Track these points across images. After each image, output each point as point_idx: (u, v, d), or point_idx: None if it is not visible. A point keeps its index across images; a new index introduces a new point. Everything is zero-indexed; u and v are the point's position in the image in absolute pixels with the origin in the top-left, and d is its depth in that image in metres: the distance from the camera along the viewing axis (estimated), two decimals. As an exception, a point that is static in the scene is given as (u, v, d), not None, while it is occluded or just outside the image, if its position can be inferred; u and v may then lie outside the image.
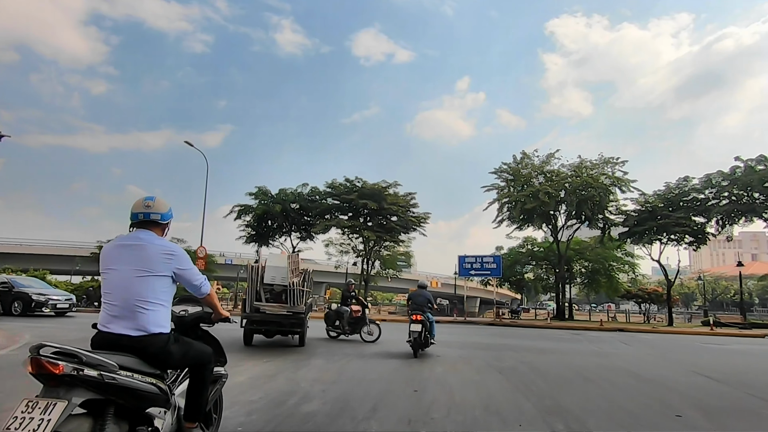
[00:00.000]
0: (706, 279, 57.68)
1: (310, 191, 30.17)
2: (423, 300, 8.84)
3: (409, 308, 9.01)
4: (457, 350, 9.66)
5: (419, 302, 8.81)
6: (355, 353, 8.44)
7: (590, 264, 29.61)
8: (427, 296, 9.03)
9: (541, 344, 11.70)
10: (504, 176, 27.58)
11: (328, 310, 11.12)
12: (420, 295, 9.04)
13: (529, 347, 10.72)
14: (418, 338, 8.31)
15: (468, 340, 12.04)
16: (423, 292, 9.15)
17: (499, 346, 10.68)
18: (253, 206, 29.53)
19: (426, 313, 8.88)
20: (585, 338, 14.11)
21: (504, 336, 14.21)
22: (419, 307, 8.68)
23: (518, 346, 10.79)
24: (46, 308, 14.66)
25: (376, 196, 27.57)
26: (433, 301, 9.30)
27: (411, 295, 9.23)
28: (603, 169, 24.25)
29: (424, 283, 9.56)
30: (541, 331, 17.52)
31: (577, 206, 23.65)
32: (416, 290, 9.32)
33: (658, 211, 22.81)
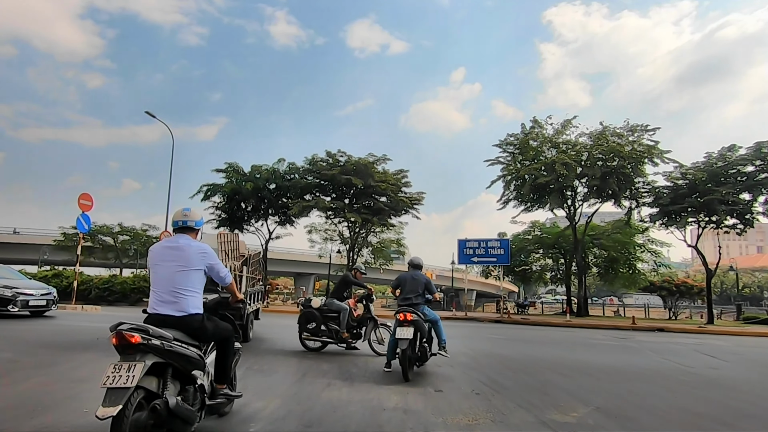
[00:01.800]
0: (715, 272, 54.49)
1: (287, 168, 26.14)
2: (418, 287, 5.71)
3: (397, 300, 5.98)
4: (470, 369, 5.82)
5: (411, 290, 5.69)
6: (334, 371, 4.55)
7: (608, 252, 25.82)
8: (423, 281, 5.77)
9: (588, 356, 7.86)
10: (510, 149, 23.66)
11: (304, 307, 7.09)
12: (414, 279, 5.76)
13: (578, 363, 6.87)
14: (410, 351, 5.13)
15: (478, 348, 8.19)
16: (418, 274, 5.85)
17: (530, 361, 6.81)
18: (222, 185, 25.54)
19: (422, 308, 5.61)
20: (637, 344, 10.28)
21: (524, 340, 10.37)
22: (411, 300, 5.65)
23: (559, 361, 6.92)
24: (14, 307, 10.43)
25: (362, 173, 23.57)
26: (432, 287, 5.86)
27: (400, 278, 5.89)
28: (630, 138, 20.32)
29: (418, 261, 6.12)
30: (565, 332, 13.71)
31: (601, 180, 19.74)
32: (408, 272, 5.98)
33: (699, 186, 18.98)
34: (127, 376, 2.25)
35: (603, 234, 25.56)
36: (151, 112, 22.99)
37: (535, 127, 22.77)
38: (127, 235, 37.68)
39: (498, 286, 51.79)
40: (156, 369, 2.46)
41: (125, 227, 37.19)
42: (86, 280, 24.40)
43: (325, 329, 6.90)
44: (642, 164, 20.07)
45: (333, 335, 6.84)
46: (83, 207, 16.24)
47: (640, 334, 13.87)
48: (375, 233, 28.34)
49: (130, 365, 2.31)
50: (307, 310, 6.93)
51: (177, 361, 2.56)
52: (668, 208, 19.51)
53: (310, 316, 6.88)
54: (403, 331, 5.07)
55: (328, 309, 6.92)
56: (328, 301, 7.00)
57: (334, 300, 6.98)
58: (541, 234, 27.06)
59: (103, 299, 22.41)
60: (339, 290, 7.12)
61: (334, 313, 6.87)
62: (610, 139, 20.47)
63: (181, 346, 2.61)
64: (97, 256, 39.09)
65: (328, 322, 6.89)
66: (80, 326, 9.40)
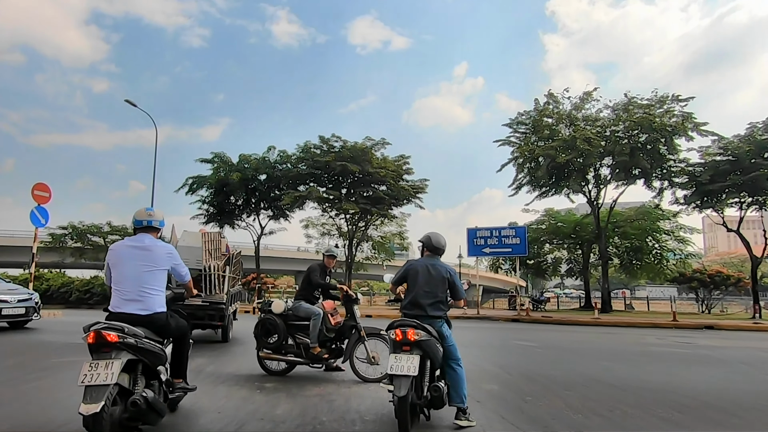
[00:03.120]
0: (732, 261, 51.74)
1: (278, 157, 24.00)
2: (437, 285, 3.45)
3: (401, 304, 3.61)
4: (515, 411, 3.55)
5: (427, 290, 3.43)
6: None
7: (632, 240, 23.45)
8: (446, 275, 3.48)
9: (671, 376, 5.64)
10: (522, 129, 21.34)
11: (262, 313, 4.91)
12: (432, 271, 3.46)
13: (671, 391, 4.66)
14: (414, 396, 2.97)
15: (510, 362, 6.00)
16: (438, 265, 3.54)
17: (601, 390, 4.60)
18: (208, 176, 23.44)
19: (440, 324, 3.37)
20: (711, 351, 8.04)
21: (564, 348, 8.16)
22: (423, 308, 3.39)
23: (642, 387, 4.71)
24: None
25: (358, 158, 21.39)
26: (461, 288, 3.60)
27: (409, 269, 3.58)
28: (659, 110, 17.93)
29: (439, 241, 3.61)
30: (601, 334, 11.47)
31: (630, 156, 17.39)
32: (422, 259, 3.63)
33: (743, 161, 16.59)
34: (105, 374, 2.35)
35: (625, 221, 23.23)
36: (131, 101, 20.96)
37: (550, 103, 20.42)
38: (118, 234, 35.79)
39: (506, 280, 49.50)
40: (128, 366, 2.54)
41: (115, 226, 35.29)
42: (67, 283, 22.56)
43: (293, 344, 4.78)
44: (676, 138, 17.67)
45: (303, 352, 4.71)
46: (39, 199, 14.16)
47: (689, 333, 11.62)
48: (375, 226, 26.18)
49: (107, 363, 2.39)
50: (266, 318, 4.80)
51: (147, 357, 2.64)
52: (707, 187, 17.13)
53: (271, 326, 4.75)
54: (400, 360, 2.91)
55: (294, 315, 4.81)
56: (294, 304, 4.88)
57: (301, 303, 4.85)
58: (556, 223, 24.72)
59: (84, 302, 20.59)
60: (305, 289, 4.99)
61: (302, 321, 4.76)
62: (636, 111, 18.08)
63: (150, 343, 2.68)
64: (88, 256, 37.31)
65: (295, 334, 4.77)
66: (65, 343, 7.34)
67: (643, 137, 17.70)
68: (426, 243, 3.59)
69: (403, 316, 3.35)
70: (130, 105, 20.82)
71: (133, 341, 2.53)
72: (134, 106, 21.11)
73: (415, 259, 3.65)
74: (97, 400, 2.27)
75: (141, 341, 2.59)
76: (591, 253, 25.39)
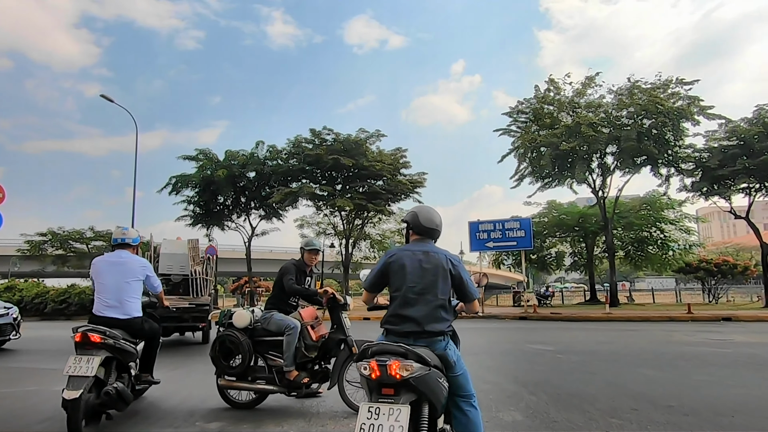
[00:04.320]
0: (728, 252, 51.16)
1: (267, 153, 22.90)
2: (434, 283, 2.22)
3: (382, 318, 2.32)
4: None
5: (419, 291, 2.21)
6: None
7: (636, 231, 22.66)
8: (446, 265, 2.25)
9: (726, 389, 4.75)
10: (523, 118, 20.43)
11: (221, 330, 3.84)
12: (425, 263, 2.24)
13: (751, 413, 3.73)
14: None
15: (527, 376, 5.07)
16: (434, 252, 2.29)
17: (657, 410, 3.65)
18: (191, 174, 22.28)
19: (442, 345, 2.16)
20: (753, 348, 7.16)
21: (586, 351, 7.24)
22: (414, 320, 2.16)
23: (702, 401, 3.79)
24: None
25: (352, 151, 20.36)
26: (467, 277, 2.32)
27: (392, 262, 2.30)
28: (667, 90, 17.09)
29: (430, 218, 2.38)
30: (619, 331, 10.59)
31: (637, 141, 16.52)
32: (410, 245, 2.38)
33: (754, 144, 15.80)
34: (86, 367, 2.93)
35: (630, 212, 22.42)
36: (107, 96, 19.79)
37: (551, 90, 19.52)
38: (102, 239, 34.44)
39: (508, 276, 48.74)
40: (105, 361, 3.13)
41: (99, 231, 33.93)
42: (41, 293, 21.31)
43: (263, 366, 3.79)
44: (683, 122, 16.85)
45: (276, 377, 3.69)
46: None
47: (710, 327, 10.78)
48: (373, 223, 25.19)
49: (88, 358, 2.98)
50: (226, 335, 3.75)
51: (122, 356, 3.25)
52: (716, 172, 16.34)
53: (232, 345, 3.71)
54: (378, 415, 1.80)
55: (264, 329, 3.80)
56: (263, 314, 3.87)
57: (273, 313, 3.83)
58: (559, 215, 23.86)
59: (61, 312, 19.33)
60: (277, 295, 3.95)
61: (274, 337, 3.75)
62: (641, 96, 17.22)
63: (126, 344, 3.28)
64: (72, 264, 35.94)
65: (266, 354, 3.77)
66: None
67: (648, 122, 16.86)
68: (412, 222, 2.36)
69: (384, 334, 2.21)
70: (107, 100, 19.73)
71: (112, 342, 3.13)
72: (111, 101, 19.99)
73: (400, 246, 2.48)
74: (77, 387, 2.85)
75: (119, 342, 3.18)
76: (595, 246, 24.64)
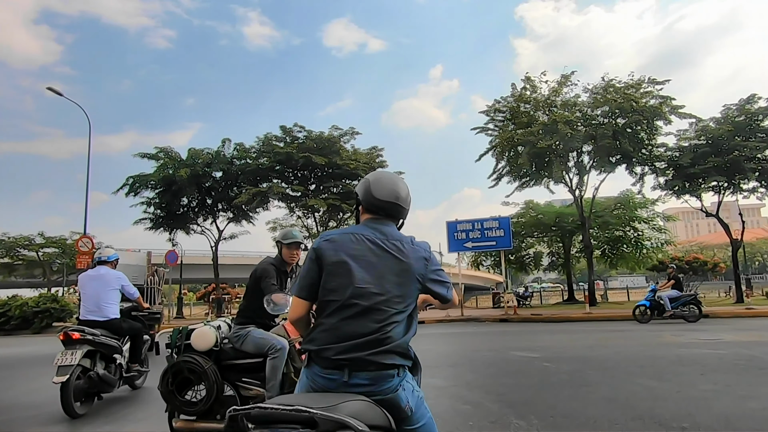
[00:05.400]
0: (693, 250, 53.32)
1: (234, 151, 21.60)
2: (394, 280, 1.45)
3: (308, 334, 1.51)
4: None
5: (376, 295, 1.42)
6: None
7: (612, 230, 22.75)
8: (412, 253, 1.51)
9: (741, 400, 4.15)
10: (500, 117, 20.08)
11: (175, 356, 2.89)
12: (382, 248, 1.49)
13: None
14: None
15: (518, 394, 4.36)
16: (393, 235, 1.52)
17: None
18: (151, 174, 20.69)
19: (390, 377, 1.37)
20: (758, 351, 6.73)
21: (580, 358, 6.60)
22: (358, 343, 1.37)
23: (724, 422, 3.13)
24: None
25: (326, 150, 19.44)
26: (442, 274, 1.56)
27: (323, 248, 1.50)
28: (640, 90, 17.10)
29: (394, 188, 1.56)
30: (606, 333, 10.10)
31: (613, 138, 16.40)
32: (363, 223, 1.58)
33: (723, 143, 15.97)
34: (71, 358, 3.82)
35: (605, 211, 22.49)
36: (54, 89, 18.17)
37: (527, 88, 19.26)
38: (54, 246, 31.79)
39: (487, 277, 48.75)
40: (89, 354, 4.02)
41: (50, 237, 31.30)
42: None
43: (232, 395, 2.85)
44: (656, 120, 16.90)
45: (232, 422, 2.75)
46: None
47: (691, 325, 10.51)
48: (348, 224, 24.30)
49: (72, 351, 3.88)
50: (183, 361, 2.80)
51: (103, 348, 4.13)
52: (688, 170, 16.42)
53: (192, 375, 2.77)
54: None
55: (235, 350, 2.88)
56: (235, 330, 2.93)
57: (249, 329, 2.89)
58: (537, 215, 23.70)
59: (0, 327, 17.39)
60: (253, 303, 2.93)
61: (250, 359, 2.84)
62: (615, 96, 17.17)
63: (105, 338, 4.17)
64: (20, 273, 33.10)
65: (238, 382, 2.86)
66: None
67: (623, 121, 16.83)
68: (363, 194, 1.60)
69: (306, 364, 1.47)
70: (56, 93, 18.10)
71: (90, 338, 4.04)
72: (60, 95, 18.39)
73: (344, 228, 1.77)
74: (64, 374, 3.74)
75: (98, 338, 4.10)
76: (572, 246, 24.62)
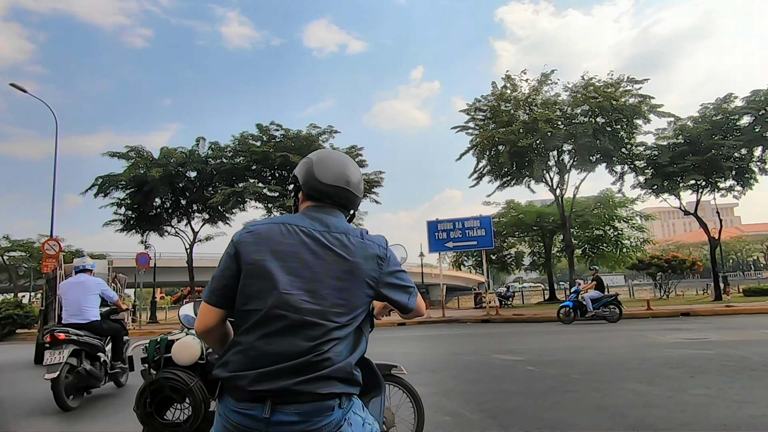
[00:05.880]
0: (670, 249, 54.89)
1: (210, 151, 20.76)
2: (336, 285, 1.11)
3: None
4: None
5: (311, 304, 1.08)
6: None
7: (592, 229, 22.94)
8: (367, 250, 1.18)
9: (736, 405, 3.86)
10: (480, 116, 19.94)
11: (152, 372, 2.47)
12: (323, 245, 1.15)
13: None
14: None
15: (501, 402, 3.97)
16: (337, 226, 1.20)
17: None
18: (121, 174, 19.66)
19: (329, 411, 1.06)
20: (744, 351, 6.54)
21: (560, 363, 6.29)
22: (284, 368, 1.04)
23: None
24: None
25: (303, 149, 18.85)
26: (403, 278, 1.24)
27: (247, 240, 1.16)
28: (619, 89, 17.21)
29: (341, 168, 1.24)
30: (590, 333, 9.90)
31: (593, 137, 16.42)
32: (302, 212, 1.23)
33: (701, 141, 16.18)
34: (58, 357, 4.21)
35: (585, 210, 22.65)
36: (18, 85, 17.08)
37: (507, 87, 19.18)
38: (21, 249, 30.15)
39: (469, 277, 48.77)
40: (75, 352, 4.40)
41: (16, 240, 29.65)
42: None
43: None
44: (635, 119, 17.03)
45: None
46: None
47: (674, 323, 10.44)
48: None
49: (59, 351, 4.25)
50: (164, 378, 2.44)
51: (87, 347, 4.54)
52: (667, 169, 16.57)
53: (175, 393, 2.45)
54: None
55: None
56: None
57: None
58: (518, 215, 23.69)
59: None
60: None
61: None
62: (595, 94, 17.23)
63: (88, 338, 4.56)
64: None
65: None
66: None
67: (603, 120, 16.89)
68: (304, 177, 1.24)
69: (218, 406, 1.14)
70: (19, 90, 17.02)
71: (75, 338, 4.42)
72: (24, 91, 17.32)
73: (277, 216, 1.49)
74: (54, 371, 4.12)
75: (81, 338, 4.48)
76: (552, 245, 24.73)
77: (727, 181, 17.44)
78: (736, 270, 55.02)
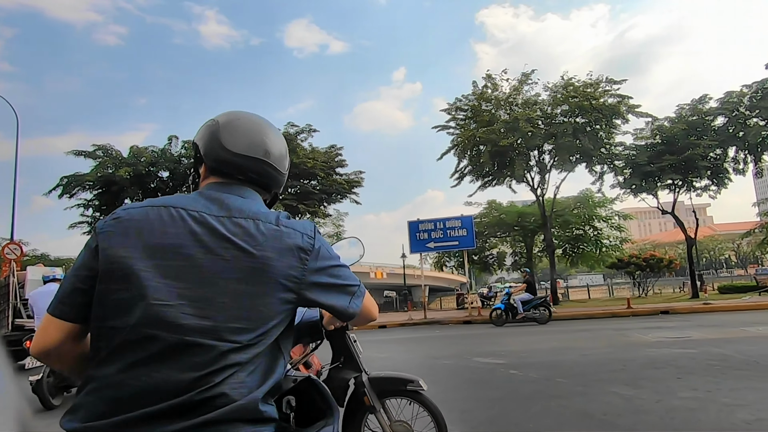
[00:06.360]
0: (647, 248, 56.54)
1: (183, 150, 19.94)
2: (237, 290, 0.81)
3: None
4: None
5: (190, 314, 0.77)
6: None
7: (572, 229, 23.11)
8: (288, 239, 0.85)
9: (726, 410, 3.61)
10: (461, 116, 19.81)
11: None
12: (221, 239, 0.82)
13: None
14: None
15: (485, 411, 3.63)
16: (246, 209, 0.87)
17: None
18: (87, 174, 18.67)
19: None
20: (727, 349, 6.41)
21: (544, 366, 6.02)
22: (167, 405, 0.74)
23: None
24: None
25: (282, 147, 18.31)
26: (343, 271, 0.92)
27: (112, 230, 0.83)
28: (598, 89, 17.34)
29: (257, 138, 0.94)
30: (571, 332, 9.77)
31: (573, 137, 16.48)
32: (204, 189, 0.93)
33: (678, 141, 16.43)
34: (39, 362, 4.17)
35: (565, 210, 22.81)
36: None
37: (488, 86, 19.10)
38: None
39: (451, 278, 48.81)
40: None
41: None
42: None
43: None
44: (614, 119, 17.19)
45: None
46: None
47: (654, 322, 10.41)
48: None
49: None
50: None
51: None
52: (645, 168, 16.76)
53: None
54: None
55: None
56: None
57: None
58: (499, 215, 23.68)
59: None
60: None
61: None
62: (575, 95, 17.32)
63: None
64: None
65: None
66: None
67: (582, 121, 16.98)
68: (206, 145, 0.93)
69: None
70: None
71: None
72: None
73: (161, 198, 0.89)
74: (36, 374, 4.43)
75: None
76: (534, 245, 24.81)
77: (703, 180, 17.80)
78: (710, 268, 56.97)
